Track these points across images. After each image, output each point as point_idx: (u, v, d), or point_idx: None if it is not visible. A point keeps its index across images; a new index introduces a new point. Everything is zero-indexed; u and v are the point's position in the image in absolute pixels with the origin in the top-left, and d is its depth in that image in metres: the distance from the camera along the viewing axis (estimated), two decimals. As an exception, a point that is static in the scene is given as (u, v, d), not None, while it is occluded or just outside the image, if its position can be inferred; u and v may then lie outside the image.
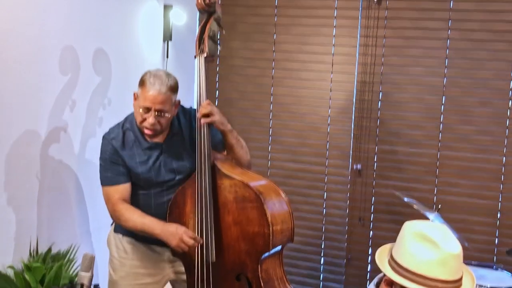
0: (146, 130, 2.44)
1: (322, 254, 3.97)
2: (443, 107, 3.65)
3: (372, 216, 3.83)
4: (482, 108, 3.57)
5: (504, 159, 3.55)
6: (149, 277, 2.62)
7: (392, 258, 1.73)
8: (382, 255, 1.80)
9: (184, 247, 2.38)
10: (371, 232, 3.84)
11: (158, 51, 3.76)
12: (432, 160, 3.68)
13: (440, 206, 3.16)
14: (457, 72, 3.60)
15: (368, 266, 3.87)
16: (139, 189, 2.54)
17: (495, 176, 3.57)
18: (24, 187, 2.69)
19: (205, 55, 2.45)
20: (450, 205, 3.60)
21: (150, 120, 2.39)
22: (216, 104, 4.10)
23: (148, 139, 2.51)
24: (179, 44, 3.89)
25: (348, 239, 3.89)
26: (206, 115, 2.40)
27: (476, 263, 3.23)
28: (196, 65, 2.46)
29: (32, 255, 2.69)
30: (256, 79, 4.03)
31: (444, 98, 3.63)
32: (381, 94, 3.76)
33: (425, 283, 1.62)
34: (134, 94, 2.47)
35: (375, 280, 1.88)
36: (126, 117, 2.58)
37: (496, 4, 3.49)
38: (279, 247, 2.48)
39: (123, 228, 2.59)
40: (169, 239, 2.40)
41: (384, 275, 1.75)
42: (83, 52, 2.99)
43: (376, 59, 3.74)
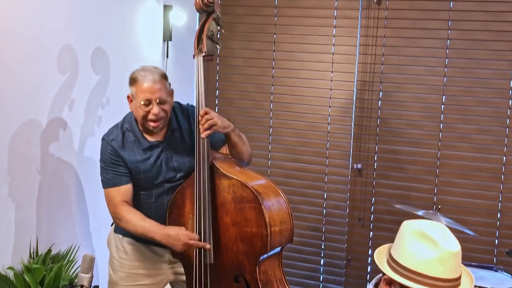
0: (153, 123, 2.43)
1: (322, 255, 3.96)
2: (443, 106, 3.64)
3: (372, 216, 3.83)
4: (482, 107, 3.57)
5: (504, 158, 3.54)
6: (149, 278, 2.62)
7: (391, 257, 1.72)
8: (381, 255, 1.79)
9: (189, 249, 2.39)
10: (371, 233, 3.84)
11: (158, 51, 3.76)
12: (432, 159, 3.68)
13: (440, 206, 3.15)
14: (457, 71, 3.60)
15: (368, 267, 3.87)
16: (140, 190, 2.53)
17: (495, 175, 3.56)
18: (23, 187, 2.69)
19: (203, 54, 2.44)
20: (450, 205, 3.60)
21: (154, 109, 2.39)
22: (216, 103, 4.11)
23: (150, 138, 2.50)
24: (179, 44, 3.89)
25: (348, 239, 3.88)
26: (208, 128, 2.37)
27: (476, 264, 3.23)
28: (195, 64, 2.46)
29: (32, 256, 2.69)
30: (256, 79, 4.03)
31: (444, 97, 3.63)
32: (381, 93, 3.76)
33: (424, 281, 1.62)
34: (128, 97, 2.47)
35: (374, 281, 1.87)
36: (124, 117, 2.57)
37: (496, 4, 3.49)
38: (278, 249, 2.44)
39: (123, 228, 2.58)
40: (172, 245, 2.39)
41: (383, 275, 1.75)
42: (83, 52, 2.99)
43: (376, 59, 3.74)
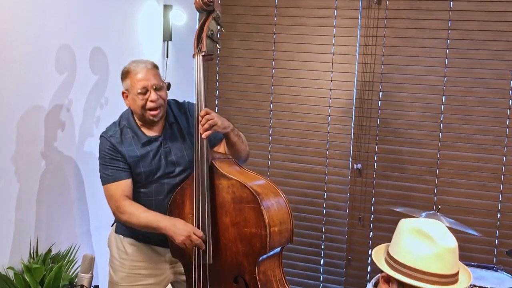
0: (152, 111, 2.46)
1: (322, 255, 3.96)
2: (443, 106, 3.64)
3: (372, 216, 3.83)
4: (482, 107, 3.57)
5: (504, 158, 3.54)
6: (149, 278, 2.62)
7: (389, 255, 1.73)
8: (379, 254, 1.80)
9: (189, 245, 2.36)
10: (371, 233, 3.84)
11: (158, 51, 3.76)
12: (432, 159, 3.67)
13: (440, 206, 3.14)
14: (457, 71, 3.60)
15: (368, 267, 3.87)
16: (140, 187, 2.54)
17: (495, 175, 3.56)
18: (23, 186, 2.68)
19: (203, 54, 2.45)
20: (450, 205, 3.60)
21: (152, 96, 2.44)
22: (216, 103, 4.11)
23: (148, 133, 2.51)
24: (179, 44, 3.89)
25: (348, 239, 3.88)
26: (208, 128, 2.39)
27: (476, 264, 3.23)
28: (194, 64, 2.46)
29: (32, 256, 2.69)
30: (255, 79, 4.02)
31: (444, 97, 3.63)
32: (381, 93, 3.76)
33: (422, 278, 1.63)
34: (124, 93, 2.52)
35: (373, 280, 1.88)
36: (121, 115, 2.60)
37: (496, 4, 3.49)
38: (278, 249, 2.44)
39: (124, 228, 2.59)
40: (175, 234, 2.36)
41: (382, 273, 1.76)
42: (82, 52, 3.00)
43: (376, 59, 3.74)
